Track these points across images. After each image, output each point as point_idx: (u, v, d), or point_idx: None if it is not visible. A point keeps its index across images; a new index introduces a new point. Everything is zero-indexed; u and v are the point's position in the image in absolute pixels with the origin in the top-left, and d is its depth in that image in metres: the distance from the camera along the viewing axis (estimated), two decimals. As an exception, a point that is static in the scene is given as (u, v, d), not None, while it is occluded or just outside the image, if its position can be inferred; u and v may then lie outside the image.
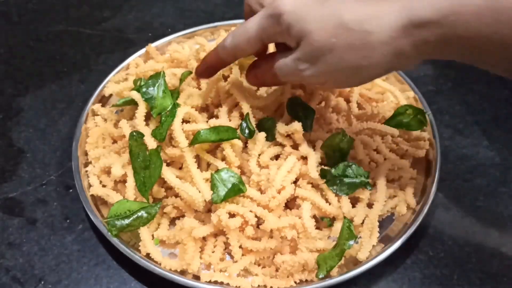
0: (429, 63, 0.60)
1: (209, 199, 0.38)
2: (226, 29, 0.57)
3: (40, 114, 0.54)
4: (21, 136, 0.52)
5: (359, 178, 0.41)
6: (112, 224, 0.39)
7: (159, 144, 0.41)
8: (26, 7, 0.68)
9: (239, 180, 0.39)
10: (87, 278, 0.40)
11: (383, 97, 0.49)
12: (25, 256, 0.42)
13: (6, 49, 0.62)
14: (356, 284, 0.39)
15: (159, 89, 0.44)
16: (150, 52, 0.54)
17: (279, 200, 0.38)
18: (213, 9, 0.68)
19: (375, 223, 0.40)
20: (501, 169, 0.47)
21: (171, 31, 0.60)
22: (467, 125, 0.51)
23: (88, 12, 0.68)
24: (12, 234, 0.43)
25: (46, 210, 0.45)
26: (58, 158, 0.49)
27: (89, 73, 0.59)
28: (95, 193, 0.42)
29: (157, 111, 0.43)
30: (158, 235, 0.40)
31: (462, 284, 0.39)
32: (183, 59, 0.50)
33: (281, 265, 0.37)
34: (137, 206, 0.40)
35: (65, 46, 0.62)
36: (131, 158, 0.40)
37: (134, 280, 0.40)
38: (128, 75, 0.51)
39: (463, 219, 0.44)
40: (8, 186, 0.47)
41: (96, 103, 0.49)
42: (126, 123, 0.43)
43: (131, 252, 0.38)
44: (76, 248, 0.42)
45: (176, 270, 0.38)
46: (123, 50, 0.61)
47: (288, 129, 0.41)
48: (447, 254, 0.41)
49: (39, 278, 0.40)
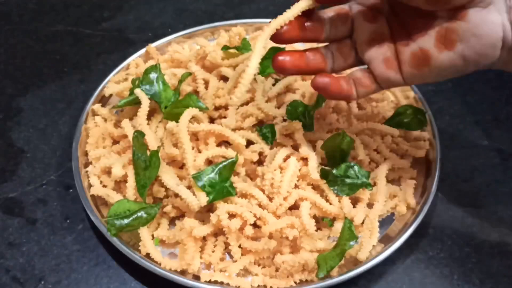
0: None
1: (204, 204, 0.38)
2: (226, 29, 0.57)
3: (40, 114, 0.54)
4: (21, 136, 0.52)
5: (361, 179, 0.41)
6: (112, 224, 0.39)
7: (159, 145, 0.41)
8: (26, 7, 0.68)
9: (230, 184, 0.39)
10: (87, 278, 0.40)
11: (383, 97, 0.49)
12: (25, 256, 0.42)
13: (6, 49, 0.62)
14: (356, 284, 0.39)
15: (159, 82, 0.45)
16: (150, 52, 0.54)
17: (286, 207, 0.39)
18: (213, 9, 0.68)
19: (375, 223, 0.39)
20: (501, 169, 0.47)
21: (171, 31, 0.60)
22: (467, 125, 0.51)
23: (88, 12, 0.68)
24: (12, 234, 0.43)
25: (46, 210, 0.45)
26: (58, 158, 0.49)
27: (89, 73, 0.59)
28: (96, 193, 0.42)
29: (164, 104, 0.44)
30: (158, 235, 0.40)
31: (462, 284, 0.39)
32: (183, 59, 0.50)
33: (281, 265, 0.37)
34: (137, 207, 0.40)
35: (65, 46, 0.62)
36: (133, 158, 0.40)
37: (134, 280, 0.40)
38: (128, 75, 0.51)
39: (463, 219, 0.44)
40: (8, 186, 0.47)
41: (96, 103, 0.49)
42: (128, 122, 0.43)
43: (131, 252, 0.38)
44: (76, 248, 0.42)
45: (176, 270, 0.38)
46: (123, 50, 0.61)
47: (288, 128, 0.41)
48: (447, 254, 0.41)
49: (39, 278, 0.40)
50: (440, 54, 0.31)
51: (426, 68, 0.32)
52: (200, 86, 0.46)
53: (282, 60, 0.35)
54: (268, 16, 0.61)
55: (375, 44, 0.34)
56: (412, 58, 0.32)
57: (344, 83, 0.35)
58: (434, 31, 0.31)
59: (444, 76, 0.33)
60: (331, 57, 0.36)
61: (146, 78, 0.45)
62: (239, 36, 0.52)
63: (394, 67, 0.33)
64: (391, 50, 0.34)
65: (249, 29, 0.57)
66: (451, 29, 0.30)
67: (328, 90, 0.35)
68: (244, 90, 0.32)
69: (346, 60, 0.36)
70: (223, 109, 0.45)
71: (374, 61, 0.34)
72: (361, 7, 0.35)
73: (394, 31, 0.34)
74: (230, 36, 0.51)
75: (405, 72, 0.33)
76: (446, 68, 0.31)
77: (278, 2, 0.68)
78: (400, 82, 0.34)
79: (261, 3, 0.68)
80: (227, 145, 0.43)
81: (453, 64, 0.31)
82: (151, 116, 0.45)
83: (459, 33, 0.30)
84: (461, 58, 0.31)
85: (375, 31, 0.34)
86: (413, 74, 0.33)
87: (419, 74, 0.33)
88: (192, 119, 0.42)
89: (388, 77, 0.34)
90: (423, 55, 0.32)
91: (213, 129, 0.41)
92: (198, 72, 0.47)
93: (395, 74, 0.33)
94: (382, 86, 0.35)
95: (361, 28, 0.34)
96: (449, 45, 0.30)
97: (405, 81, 0.34)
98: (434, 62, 0.31)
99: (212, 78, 0.46)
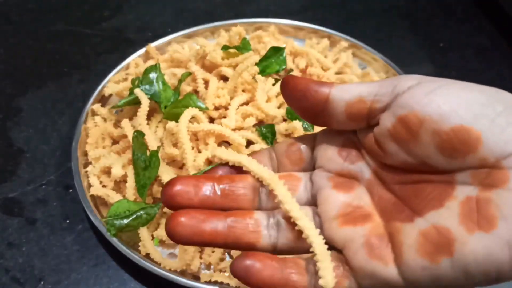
0: (429, 62, 0.60)
1: None
2: (226, 29, 0.57)
3: (40, 114, 0.54)
4: (21, 136, 0.52)
5: None
6: (111, 224, 0.39)
7: (159, 145, 0.41)
8: (26, 7, 0.68)
9: None
10: (87, 278, 0.40)
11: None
12: (25, 256, 0.42)
13: (6, 49, 0.62)
14: (356, 284, 0.39)
15: (159, 82, 0.45)
16: (150, 52, 0.54)
17: None
18: (213, 9, 0.68)
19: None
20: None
21: (171, 31, 0.60)
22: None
23: (88, 12, 0.68)
24: (12, 234, 0.43)
25: (46, 210, 0.45)
26: (58, 158, 0.49)
27: (89, 73, 0.59)
28: (96, 193, 0.42)
29: (164, 104, 0.43)
30: (158, 235, 0.40)
31: (463, 284, 0.39)
32: (183, 59, 0.50)
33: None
34: (137, 207, 0.40)
35: (65, 46, 0.62)
36: (133, 158, 0.40)
37: (134, 280, 0.40)
38: (128, 75, 0.51)
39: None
40: (8, 186, 0.47)
41: (96, 103, 0.49)
42: (128, 122, 0.43)
43: (131, 252, 0.38)
44: (76, 248, 0.42)
45: (176, 270, 0.38)
46: (123, 50, 0.61)
47: (288, 128, 0.41)
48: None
49: (39, 278, 0.40)
50: (470, 237, 0.18)
51: (446, 259, 0.19)
52: (200, 86, 0.46)
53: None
54: (268, 16, 0.61)
55: (351, 221, 0.22)
56: (421, 240, 0.20)
57: (294, 271, 0.22)
58: (456, 204, 0.19)
59: (473, 281, 0.19)
60: (275, 230, 0.23)
61: (146, 78, 0.45)
62: (239, 36, 0.52)
63: (385, 257, 0.21)
64: (378, 228, 0.22)
65: (249, 29, 0.57)
66: (485, 200, 0.19)
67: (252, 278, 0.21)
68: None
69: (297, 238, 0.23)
70: (223, 109, 0.45)
71: (350, 245, 0.22)
72: (327, 173, 0.24)
73: (383, 201, 0.22)
74: (230, 36, 0.51)
75: (409, 263, 0.20)
76: (480, 263, 0.18)
77: (278, 2, 0.68)
78: (395, 279, 0.20)
79: (261, 3, 0.68)
80: (227, 145, 0.43)
81: (492, 255, 0.18)
82: (151, 116, 0.44)
83: (499, 205, 0.18)
84: (507, 246, 0.18)
85: (349, 203, 0.23)
86: (423, 268, 0.19)
87: (432, 268, 0.19)
88: (192, 119, 0.42)
89: (373, 271, 0.21)
90: (440, 236, 0.19)
91: (213, 129, 0.41)
92: (198, 72, 0.46)
93: (385, 268, 0.20)
94: (361, 285, 0.21)
95: (329, 201, 0.23)
96: (485, 224, 0.18)
97: (404, 277, 0.20)
98: (461, 249, 0.19)
99: (212, 78, 0.46)
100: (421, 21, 0.68)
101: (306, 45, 0.56)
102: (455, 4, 0.71)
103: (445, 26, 0.67)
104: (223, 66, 0.47)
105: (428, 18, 0.69)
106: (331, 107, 0.22)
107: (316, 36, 0.58)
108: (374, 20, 0.68)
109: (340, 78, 0.50)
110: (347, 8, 0.70)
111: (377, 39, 0.63)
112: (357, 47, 0.56)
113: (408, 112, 0.20)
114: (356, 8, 0.70)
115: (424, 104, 0.20)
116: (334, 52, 0.55)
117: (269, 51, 0.48)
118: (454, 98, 0.19)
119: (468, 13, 0.69)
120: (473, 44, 0.64)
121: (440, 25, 0.68)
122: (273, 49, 0.47)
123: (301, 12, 0.68)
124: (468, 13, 0.69)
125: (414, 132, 0.20)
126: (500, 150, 0.18)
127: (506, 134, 0.18)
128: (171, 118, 0.42)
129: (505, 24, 0.66)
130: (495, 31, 0.66)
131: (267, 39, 0.54)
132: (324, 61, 0.51)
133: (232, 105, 0.44)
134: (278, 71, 0.48)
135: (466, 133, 0.19)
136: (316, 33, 0.58)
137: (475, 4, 0.70)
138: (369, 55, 0.55)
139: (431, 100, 0.20)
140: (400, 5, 0.71)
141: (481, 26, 0.67)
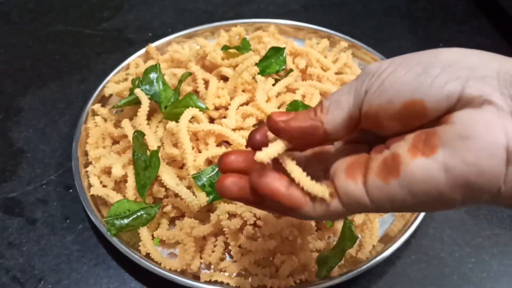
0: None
1: (204, 204, 0.38)
2: (226, 29, 0.57)
3: (40, 114, 0.54)
4: (21, 136, 0.52)
5: None
6: (111, 224, 0.39)
7: (159, 145, 0.41)
8: (26, 7, 0.68)
9: None
10: (87, 278, 0.40)
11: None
12: (25, 256, 0.42)
13: (6, 49, 0.62)
14: (356, 284, 0.39)
15: (159, 82, 0.45)
16: (150, 52, 0.54)
17: None
18: (213, 9, 0.68)
19: (375, 223, 0.39)
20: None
21: (171, 31, 0.60)
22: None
23: (88, 12, 0.68)
24: (12, 234, 0.43)
25: (46, 210, 0.45)
26: (58, 158, 0.49)
27: (89, 73, 0.59)
28: (96, 193, 0.42)
29: (164, 104, 0.44)
30: (158, 235, 0.40)
31: (462, 284, 0.39)
32: (183, 59, 0.50)
33: (281, 265, 0.37)
34: (137, 207, 0.40)
35: (65, 46, 0.62)
36: (133, 158, 0.40)
37: (134, 280, 0.40)
38: (128, 75, 0.51)
39: (464, 219, 0.44)
40: (8, 186, 0.47)
41: (96, 103, 0.49)
42: (128, 122, 0.43)
43: (131, 252, 0.38)
44: (76, 248, 0.42)
45: (176, 270, 0.38)
46: (123, 50, 0.61)
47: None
48: (447, 254, 0.41)
49: (39, 278, 0.40)
50: (413, 160, 0.22)
51: (394, 180, 0.22)
52: (200, 86, 0.46)
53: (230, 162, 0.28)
54: (268, 16, 0.61)
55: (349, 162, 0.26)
56: (380, 165, 0.23)
57: (296, 191, 0.26)
58: (412, 136, 0.23)
59: (419, 200, 0.22)
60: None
61: (146, 78, 0.45)
62: (239, 36, 0.52)
63: (356, 176, 0.24)
64: (361, 158, 0.26)
65: (249, 29, 0.58)
66: (432, 132, 0.22)
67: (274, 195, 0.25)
68: None
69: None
70: (223, 109, 0.45)
71: (337, 171, 0.26)
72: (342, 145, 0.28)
73: (372, 144, 0.26)
74: (230, 36, 0.52)
75: (370, 183, 0.23)
76: (420, 183, 0.22)
77: (278, 2, 0.68)
78: (363, 198, 0.24)
79: (261, 3, 0.68)
80: (227, 145, 0.43)
81: (430, 176, 0.21)
82: (151, 116, 0.45)
83: (441, 136, 0.21)
84: (443, 169, 0.21)
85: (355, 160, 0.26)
86: (379, 188, 0.23)
87: (385, 188, 0.23)
88: (192, 119, 0.42)
89: (346, 189, 0.24)
90: (393, 161, 0.23)
91: (213, 129, 0.41)
92: (198, 72, 0.47)
93: (355, 186, 0.24)
94: (343, 203, 0.25)
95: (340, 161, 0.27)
96: (427, 151, 0.22)
97: (370, 198, 0.23)
98: (405, 171, 0.22)
99: (212, 78, 0.46)
100: (421, 21, 0.68)
101: (306, 45, 0.56)
102: (455, 4, 0.71)
103: (445, 26, 0.67)
104: (223, 66, 0.47)
105: (428, 18, 0.69)
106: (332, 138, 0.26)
107: (316, 36, 0.58)
108: (374, 20, 0.68)
109: (340, 78, 0.50)
110: (347, 8, 0.70)
111: (377, 39, 0.63)
112: (357, 47, 0.56)
113: (368, 109, 0.24)
114: (356, 8, 0.70)
115: (376, 96, 0.23)
116: (334, 52, 0.55)
117: (269, 51, 0.48)
118: (396, 80, 0.23)
119: (468, 13, 0.69)
120: (473, 44, 0.64)
121: (440, 25, 0.68)
122: (273, 49, 0.48)
123: (301, 12, 0.68)
124: (468, 13, 0.69)
125: (377, 123, 0.24)
126: (445, 105, 0.22)
127: (445, 91, 0.21)
128: (171, 118, 0.42)
129: (505, 24, 0.66)
130: (495, 31, 0.66)
131: (267, 39, 0.54)
132: (324, 61, 0.51)
133: (232, 105, 0.44)
134: (278, 71, 0.48)
135: (411, 106, 0.22)
136: (316, 33, 0.58)
137: (475, 4, 0.70)
138: (369, 55, 0.55)
139: (381, 91, 0.23)
140: (400, 5, 0.71)
141: (481, 26, 0.67)
